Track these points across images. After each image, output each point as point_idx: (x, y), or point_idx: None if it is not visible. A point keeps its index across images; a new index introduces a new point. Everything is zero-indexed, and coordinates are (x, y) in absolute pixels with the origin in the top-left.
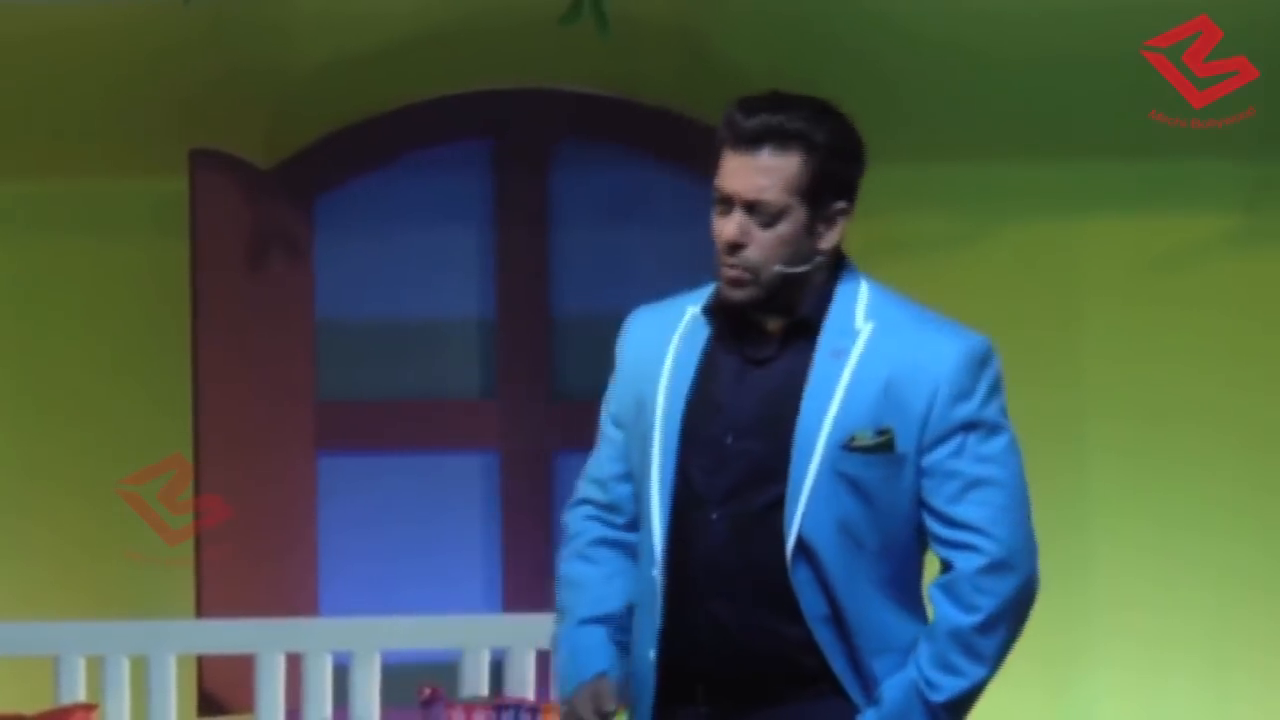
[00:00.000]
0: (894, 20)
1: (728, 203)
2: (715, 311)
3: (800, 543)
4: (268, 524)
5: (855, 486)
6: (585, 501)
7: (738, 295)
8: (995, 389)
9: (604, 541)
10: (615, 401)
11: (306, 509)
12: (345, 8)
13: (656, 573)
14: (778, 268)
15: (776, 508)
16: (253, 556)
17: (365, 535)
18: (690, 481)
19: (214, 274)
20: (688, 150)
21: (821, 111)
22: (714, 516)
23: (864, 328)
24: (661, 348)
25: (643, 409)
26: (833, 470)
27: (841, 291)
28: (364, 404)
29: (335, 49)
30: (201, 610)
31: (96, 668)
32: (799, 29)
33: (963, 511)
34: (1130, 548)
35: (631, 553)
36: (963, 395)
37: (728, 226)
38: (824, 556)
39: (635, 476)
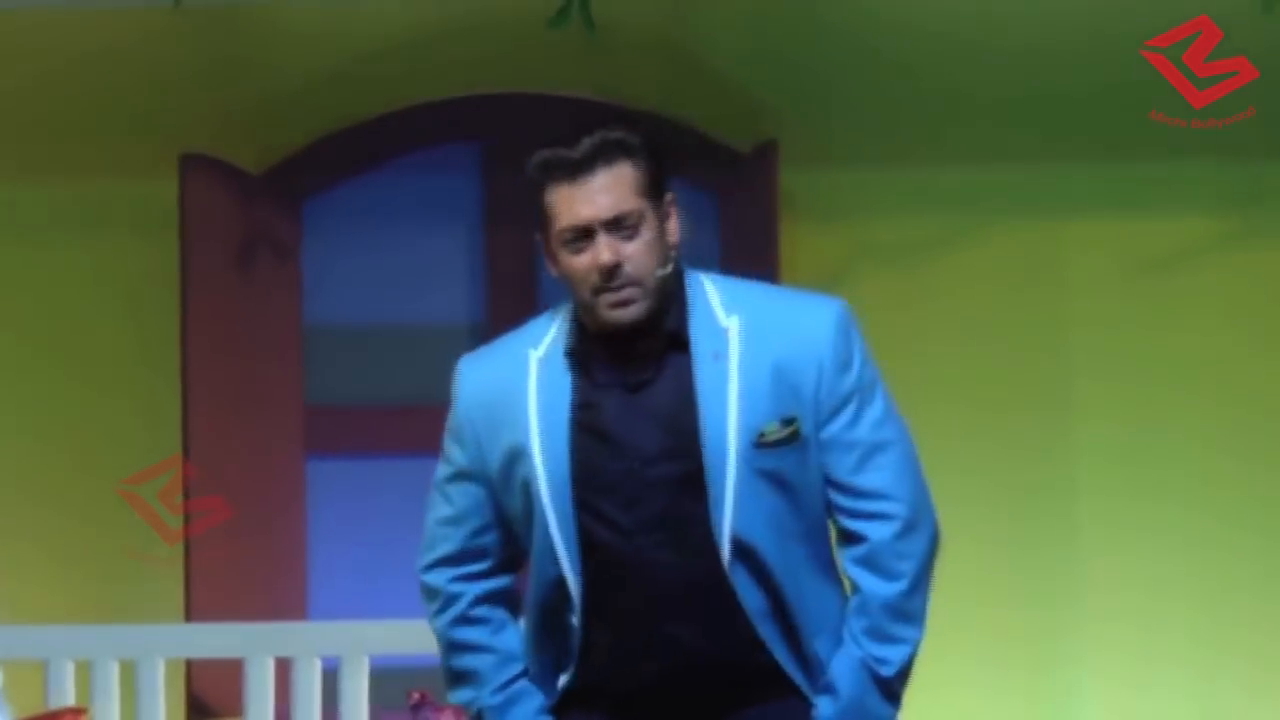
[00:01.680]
0: (884, 25)
1: (585, 234)
2: (577, 352)
3: (737, 546)
4: (257, 528)
5: (775, 479)
6: (444, 562)
7: (629, 315)
8: (864, 347)
9: (480, 599)
10: (464, 456)
11: (295, 513)
12: (334, 12)
13: (576, 619)
14: (658, 272)
15: (707, 521)
16: (242, 560)
17: (354, 539)
18: (606, 519)
19: (203, 277)
20: (674, 154)
21: (617, 120)
22: (646, 544)
23: (730, 323)
24: (517, 396)
25: (515, 461)
26: (751, 470)
27: (691, 292)
28: (353, 408)
29: (325, 54)
30: (191, 614)
31: (86, 672)
32: (785, 34)
33: (866, 479)
34: (1119, 557)
35: (505, 597)
36: (844, 365)
37: (601, 253)
38: (761, 553)
39: (520, 527)
